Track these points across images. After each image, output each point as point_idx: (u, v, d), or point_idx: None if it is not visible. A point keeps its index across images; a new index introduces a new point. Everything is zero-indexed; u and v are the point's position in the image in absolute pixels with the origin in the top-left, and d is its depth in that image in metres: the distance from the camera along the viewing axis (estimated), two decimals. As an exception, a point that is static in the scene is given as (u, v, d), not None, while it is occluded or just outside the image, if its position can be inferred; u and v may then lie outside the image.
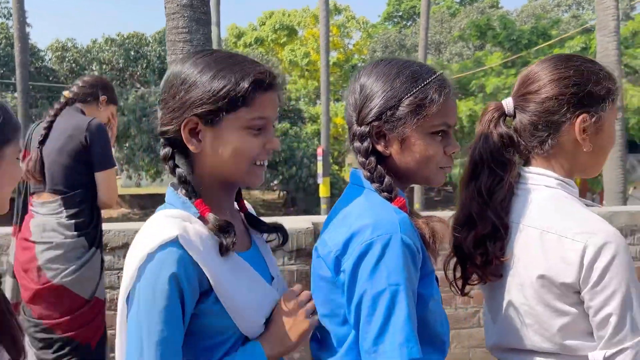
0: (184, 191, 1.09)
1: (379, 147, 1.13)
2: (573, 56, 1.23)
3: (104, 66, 23.70)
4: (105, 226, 2.72)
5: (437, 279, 1.15)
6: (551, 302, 1.12)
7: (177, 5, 4.19)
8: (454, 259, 1.28)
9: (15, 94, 17.25)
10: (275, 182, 22.17)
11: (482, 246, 1.19)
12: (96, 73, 23.37)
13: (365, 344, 1.01)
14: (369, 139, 1.13)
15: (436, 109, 1.09)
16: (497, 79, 19.55)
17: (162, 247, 0.98)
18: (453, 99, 1.15)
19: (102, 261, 2.50)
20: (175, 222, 1.02)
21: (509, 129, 1.24)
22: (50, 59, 25.09)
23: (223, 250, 1.04)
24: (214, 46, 17.21)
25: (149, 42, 24.05)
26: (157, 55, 23.44)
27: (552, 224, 1.13)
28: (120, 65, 23.76)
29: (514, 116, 1.24)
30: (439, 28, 33.01)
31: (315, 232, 2.97)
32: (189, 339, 1.02)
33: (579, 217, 1.13)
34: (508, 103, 1.25)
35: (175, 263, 0.98)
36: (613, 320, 1.06)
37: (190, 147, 1.06)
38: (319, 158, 16.66)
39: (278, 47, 32.42)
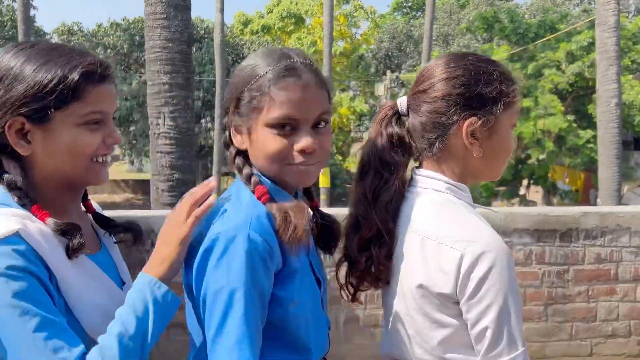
0: (16, 198, 1.00)
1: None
2: (467, 54, 1.15)
3: (108, 50, 23.65)
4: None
5: (319, 280, 1.11)
6: (431, 313, 1.07)
7: (155, -10, 4.15)
8: (348, 266, 1.23)
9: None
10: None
11: (367, 250, 1.14)
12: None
13: (207, 341, 0.97)
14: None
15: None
16: (502, 72, 19.36)
17: (2, 241, 0.92)
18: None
19: None
20: (13, 218, 0.95)
21: (402, 129, 1.17)
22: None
23: (70, 253, 0.98)
24: (217, 33, 17.12)
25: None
26: (162, 40, 23.41)
27: (433, 230, 1.07)
28: (125, 50, 23.71)
29: (408, 115, 1.17)
30: (447, 20, 32.67)
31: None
32: None
33: (461, 223, 1.06)
34: (402, 102, 1.18)
35: (21, 256, 0.92)
36: (489, 334, 1.00)
37: (19, 150, 0.99)
38: (319, 148, 16.61)
39: (285, 35, 32.22)
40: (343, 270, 1.24)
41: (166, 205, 5.30)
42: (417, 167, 1.18)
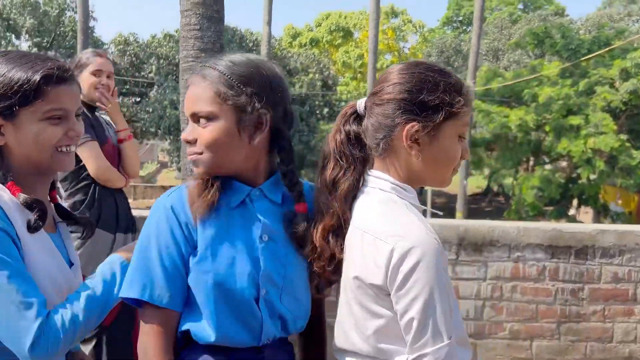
0: None
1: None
2: (421, 63, 1.18)
3: (161, 61, 24.53)
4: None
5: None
6: (366, 304, 1.12)
7: (190, 2, 4.33)
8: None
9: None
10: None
11: (328, 241, 1.20)
12: (154, 67, 24.28)
13: None
14: None
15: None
16: (551, 89, 18.87)
17: None
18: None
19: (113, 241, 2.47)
20: None
21: (359, 127, 1.23)
22: (112, 52, 26.18)
23: (31, 225, 1.13)
24: (264, 45, 17.49)
25: (205, 39, 24.71)
26: (212, 52, 24.05)
27: (372, 226, 1.12)
28: (177, 60, 24.50)
29: (365, 115, 1.23)
30: (498, 35, 32.17)
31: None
32: None
33: (396, 220, 1.11)
34: (360, 103, 1.24)
35: None
36: (415, 325, 1.04)
37: None
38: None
39: (332, 49, 32.59)
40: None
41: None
42: (369, 169, 1.23)
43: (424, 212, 1.42)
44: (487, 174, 25.11)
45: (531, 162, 22.16)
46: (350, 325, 1.16)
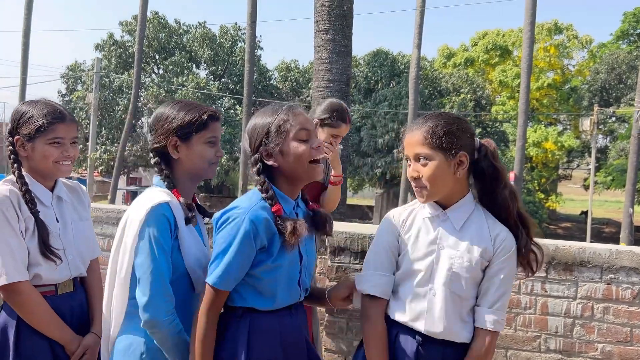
0: (165, 184, 1.78)
1: None
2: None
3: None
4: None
5: (301, 255, 1.71)
6: None
7: (322, 39, 4.97)
8: None
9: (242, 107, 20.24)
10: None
11: None
12: (311, 91, 25.93)
13: None
14: None
15: None
16: None
17: (158, 204, 1.68)
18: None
19: None
20: (164, 193, 1.73)
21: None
22: (275, 78, 28.50)
23: (187, 221, 1.72)
24: (412, 67, 17.90)
25: (359, 63, 25.77)
26: (364, 76, 24.98)
27: None
28: (332, 84, 25.86)
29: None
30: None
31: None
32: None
33: None
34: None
35: (166, 211, 1.69)
36: None
37: (173, 155, 1.78)
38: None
39: (489, 68, 31.75)
40: None
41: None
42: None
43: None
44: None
45: None
46: None
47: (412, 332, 1.70)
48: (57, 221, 1.98)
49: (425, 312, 1.68)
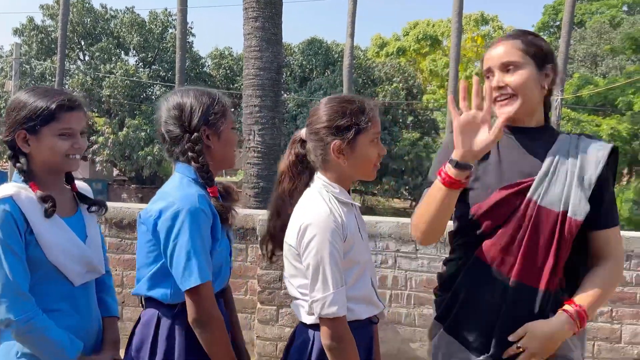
0: (22, 177, 1.66)
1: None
2: (336, 97, 1.67)
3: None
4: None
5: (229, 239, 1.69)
6: (293, 262, 1.60)
7: (252, 27, 4.93)
8: (269, 239, 1.75)
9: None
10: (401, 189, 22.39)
11: (283, 231, 1.66)
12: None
13: None
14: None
15: None
16: (648, 96, 17.85)
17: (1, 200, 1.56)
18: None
19: None
20: (12, 187, 1.61)
21: (304, 150, 1.68)
22: (209, 66, 27.95)
23: (45, 214, 1.60)
24: (346, 56, 18.07)
25: (294, 52, 25.72)
26: (300, 64, 24.97)
27: (297, 208, 1.62)
28: (267, 72, 25.68)
29: (307, 141, 1.67)
30: (597, 40, 30.58)
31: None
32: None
33: (309, 206, 1.57)
34: (303, 132, 1.70)
35: (10, 207, 1.56)
36: (310, 275, 1.52)
37: (24, 149, 1.64)
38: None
39: (420, 57, 32.54)
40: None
41: (253, 209, 6.08)
42: (317, 173, 1.66)
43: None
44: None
45: (626, 175, 20.94)
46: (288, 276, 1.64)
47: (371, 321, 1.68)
48: None
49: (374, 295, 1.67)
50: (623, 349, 3.31)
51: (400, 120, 24.47)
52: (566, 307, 1.54)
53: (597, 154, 1.60)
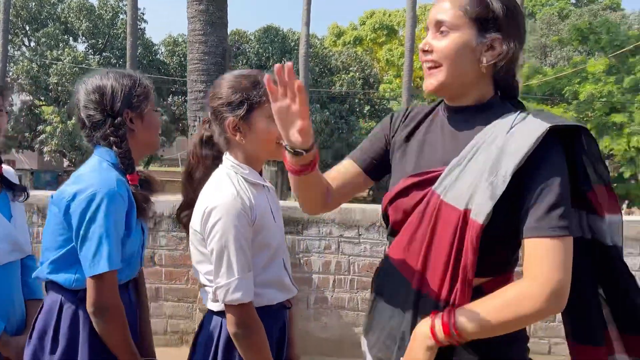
0: None
1: None
2: (230, 74, 1.59)
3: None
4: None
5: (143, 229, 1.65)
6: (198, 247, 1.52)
7: (195, 10, 4.79)
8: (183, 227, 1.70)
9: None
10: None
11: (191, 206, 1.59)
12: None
13: None
14: None
15: None
16: (593, 86, 18.47)
17: None
18: None
19: None
20: None
21: (209, 131, 1.62)
22: (162, 53, 27.31)
23: None
24: (302, 45, 17.96)
25: (250, 39, 25.41)
26: (256, 52, 24.71)
27: (204, 191, 1.54)
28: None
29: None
30: (546, 31, 31.44)
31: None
32: None
33: (215, 188, 1.50)
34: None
35: None
36: (214, 261, 1.47)
37: None
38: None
39: (376, 47, 32.70)
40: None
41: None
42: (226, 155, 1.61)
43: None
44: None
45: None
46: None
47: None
48: None
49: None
50: (557, 327, 3.40)
51: (357, 109, 24.59)
52: (437, 315, 1.21)
53: (526, 139, 1.18)
